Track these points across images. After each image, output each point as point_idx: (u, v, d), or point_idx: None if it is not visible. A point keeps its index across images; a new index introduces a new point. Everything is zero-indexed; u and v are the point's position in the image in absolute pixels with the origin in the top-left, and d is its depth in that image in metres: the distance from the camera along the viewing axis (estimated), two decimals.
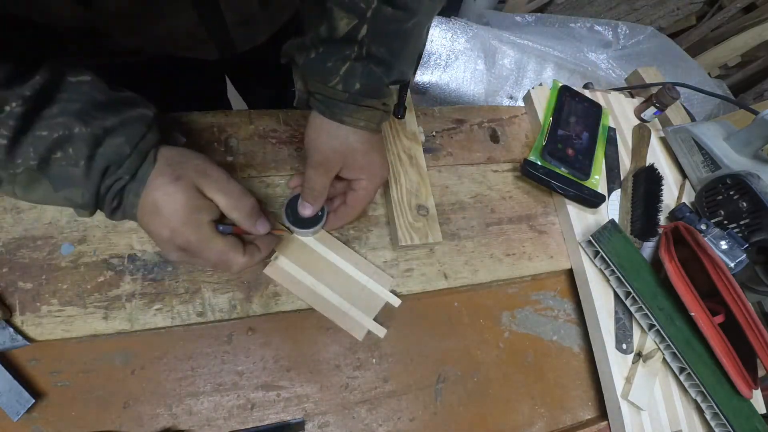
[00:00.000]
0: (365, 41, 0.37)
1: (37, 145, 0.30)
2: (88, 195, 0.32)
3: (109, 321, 0.41)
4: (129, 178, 0.33)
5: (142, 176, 0.33)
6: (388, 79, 0.39)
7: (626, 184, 0.61)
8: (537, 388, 0.52)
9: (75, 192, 0.32)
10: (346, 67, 0.38)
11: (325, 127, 0.40)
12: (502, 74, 1.21)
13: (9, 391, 0.37)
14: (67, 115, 0.30)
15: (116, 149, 0.32)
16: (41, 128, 0.30)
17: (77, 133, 0.30)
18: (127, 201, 0.33)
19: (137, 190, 0.33)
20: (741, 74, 1.68)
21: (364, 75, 0.38)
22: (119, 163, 0.32)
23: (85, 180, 0.31)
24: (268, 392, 0.44)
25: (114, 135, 0.32)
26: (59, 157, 0.30)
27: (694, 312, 0.48)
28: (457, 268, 0.51)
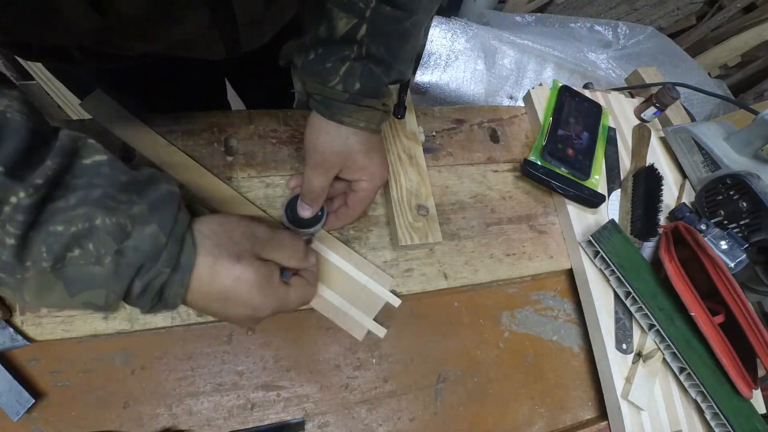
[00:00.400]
0: (364, 41, 0.36)
1: (50, 243, 0.25)
2: (113, 296, 0.27)
3: (109, 321, 0.41)
4: (170, 270, 0.28)
5: (185, 266, 0.29)
6: (388, 78, 0.39)
7: (626, 184, 0.61)
8: (537, 388, 0.52)
9: (97, 294, 0.27)
10: (346, 67, 0.37)
11: (324, 128, 0.40)
12: (502, 74, 1.21)
13: (9, 391, 0.37)
14: (86, 204, 0.26)
15: (151, 240, 0.27)
16: (57, 222, 0.25)
17: (99, 225, 0.26)
18: (170, 296, 0.29)
19: (182, 280, 0.29)
20: (741, 74, 1.68)
21: (364, 75, 0.38)
22: (156, 256, 0.27)
23: (112, 280, 0.27)
24: (268, 392, 0.44)
25: (144, 223, 0.27)
26: (77, 255, 0.26)
27: (694, 312, 0.48)
28: (457, 268, 0.51)
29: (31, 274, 0.25)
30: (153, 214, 0.28)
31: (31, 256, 0.25)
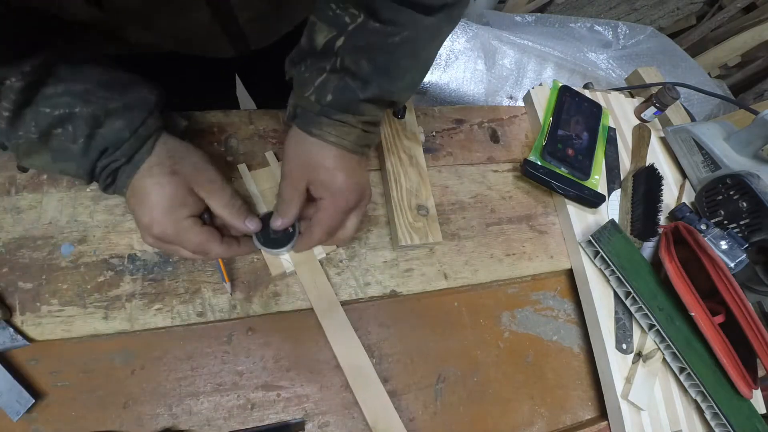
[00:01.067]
0: (340, 52, 0.36)
1: (39, 120, 0.31)
2: (82, 170, 0.34)
3: (109, 321, 0.41)
4: (125, 160, 0.34)
5: (137, 161, 0.35)
6: (363, 94, 0.37)
7: (626, 184, 0.61)
8: (537, 388, 0.52)
9: (70, 165, 0.34)
10: (321, 79, 0.37)
11: (296, 138, 0.39)
12: (502, 74, 1.21)
13: (9, 391, 0.37)
14: (70, 95, 0.32)
15: (116, 133, 0.33)
16: (44, 105, 0.31)
17: (78, 113, 0.32)
18: (120, 180, 0.35)
19: (130, 173, 0.35)
20: (741, 74, 1.68)
21: (338, 88, 0.36)
22: (117, 145, 0.34)
23: (82, 157, 0.33)
24: (268, 392, 0.44)
25: (115, 117, 0.33)
26: (59, 132, 0.32)
27: (694, 312, 0.48)
28: (457, 268, 0.51)
29: (23, 141, 0.32)
30: (125, 112, 0.34)
31: (23, 127, 0.31)
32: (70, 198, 0.44)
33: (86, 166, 0.34)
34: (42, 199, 0.43)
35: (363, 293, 0.47)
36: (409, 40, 0.36)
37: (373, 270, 0.48)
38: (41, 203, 0.43)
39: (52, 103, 0.31)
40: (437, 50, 0.41)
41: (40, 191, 0.44)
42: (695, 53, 1.65)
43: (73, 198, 0.44)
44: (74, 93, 0.32)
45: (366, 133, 0.40)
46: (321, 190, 0.40)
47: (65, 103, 0.32)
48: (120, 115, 0.33)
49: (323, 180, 0.39)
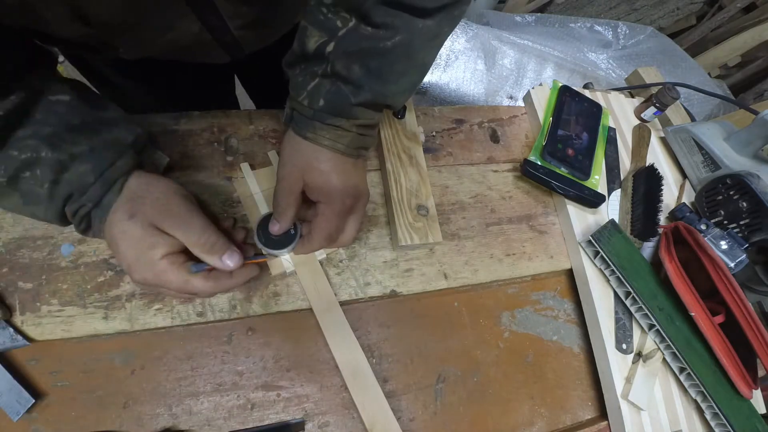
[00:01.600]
0: (330, 57, 0.36)
1: (7, 164, 0.31)
2: (51, 215, 0.33)
3: (109, 321, 0.41)
4: (92, 205, 0.33)
5: (106, 204, 0.34)
6: (356, 98, 0.36)
7: (626, 184, 0.61)
8: (537, 388, 0.52)
9: (39, 209, 0.33)
10: (314, 84, 0.37)
11: (291, 142, 0.39)
12: (502, 74, 1.21)
13: (9, 391, 0.37)
14: (37, 138, 0.31)
15: (80, 177, 0.32)
16: (13, 148, 0.31)
17: (44, 157, 0.31)
18: (94, 225, 0.34)
19: (102, 217, 0.34)
20: (741, 74, 1.68)
21: (330, 92, 0.36)
22: (82, 191, 0.33)
23: (48, 202, 0.32)
24: (268, 392, 0.44)
25: (80, 162, 0.32)
26: (27, 176, 0.31)
27: (694, 312, 0.48)
28: (457, 268, 0.51)
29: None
30: (91, 156, 0.33)
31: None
32: None
33: (53, 211, 0.33)
34: None
35: (363, 293, 0.47)
36: (403, 43, 0.35)
37: (373, 270, 0.48)
38: None
39: (20, 146, 0.31)
40: (436, 52, 0.40)
41: None
42: (695, 53, 1.65)
43: None
44: (41, 136, 0.31)
45: (361, 136, 0.39)
46: (316, 193, 0.40)
47: (31, 147, 0.31)
48: (85, 160, 0.33)
49: (318, 183, 0.39)
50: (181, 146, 0.48)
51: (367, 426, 0.43)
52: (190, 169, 0.48)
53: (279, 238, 0.43)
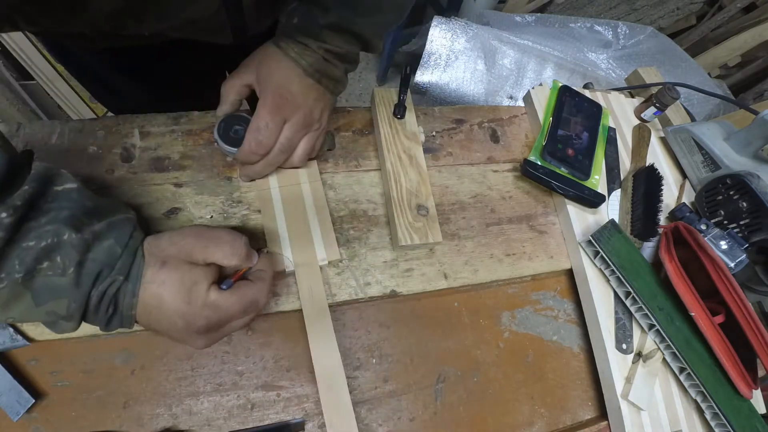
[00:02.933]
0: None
1: (23, 257, 0.28)
2: (75, 305, 0.30)
3: None
4: (123, 278, 0.31)
5: (136, 274, 0.32)
6: (324, 20, 0.41)
7: (626, 184, 0.61)
8: (537, 388, 0.52)
9: (60, 304, 0.29)
10: (293, 6, 0.43)
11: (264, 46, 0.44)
12: (502, 74, 1.21)
13: (9, 391, 0.37)
14: (56, 222, 0.29)
15: (107, 251, 0.31)
16: (29, 239, 0.28)
17: (66, 239, 0.29)
18: (123, 304, 0.31)
19: (134, 290, 0.31)
20: (741, 74, 1.69)
21: (303, 13, 0.42)
22: (111, 265, 0.31)
23: (74, 288, 0.29)
24: (268, 392, 0.44)
25: (103, 238, 0.31)
26: (45, 267, 0.28)
27: (694, 312, 0.48)
28: (457, 268, 0.51)
29: (4, 285, 0.27)
30: (111, 231, 0.32)
31: (5, 269, 0.27)
32: None
33: (80, 298, 0.29)
34: None
35: (363, 293, 0.47)
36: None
37: (373, 270, 0.48)
38: None
39: (37, 234, 0.28)
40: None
41: None
42: (695, 53, 1.65)
43: None
44: (60, 220, 0.29)
45: (326, 61, 0.43)
46: (259, 87, 0.43)
47: (51, 232, 0.28)
48: (108, 235, 0.31)
49: (263, 76, 0.42)
50: (181, 146, 0.48)
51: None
52: (190, 169, 0.48)
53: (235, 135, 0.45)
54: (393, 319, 0.49)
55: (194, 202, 0.46)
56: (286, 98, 0.42)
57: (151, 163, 0.47)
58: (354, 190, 0.52)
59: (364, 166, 0.54)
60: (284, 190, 0.48)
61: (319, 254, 0.46)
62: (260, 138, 0.42)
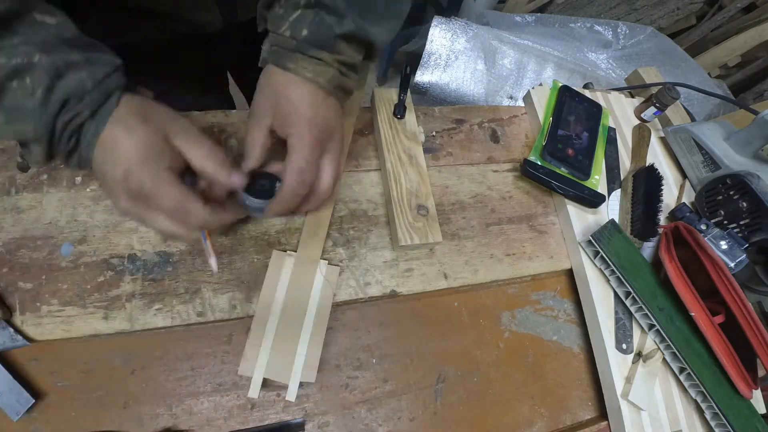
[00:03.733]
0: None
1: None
2: (41, 127, 0.30)
3: (109, 321, 0.41)
4: (89, 114, 0.31)
5: (103, 114, 0.31)
6: (339, 29, 0.36)
7: (626, 184, 0.61)
8: (537, 388, 0.52)
9: (28, 124, 0.30)
10: (297, 15, 0.36)
11: (267, 74, 0.38)
12: (502, 74, 1.21)
13: (9, 391, 0.37)
14: (29, 44, 0.29)
15: (78, 83, 0.30)
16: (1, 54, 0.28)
17: (37, 62, 0.29)
18: (84, 140, 0.31)
19: (97, 129, 0.31)
20: (741, 74, 1.69)
21: (314, 23, 0.36)
22: (80, 96, 0.30)
23: (40, 111, 0.29)
24: (268, 392, 0.44)
25: (77, 69, 0.30)
26: (15, 86, 0.29)
27: (694, 312, 0.48)
28: (457, 268, 0.51)
29: None
30: (87, 65, 0.30)
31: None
32: (70, 198, 0.44)
33: (45, 121, 0.30)
34: (42, 199, 0.43)
35: (363, 293, 0.47)
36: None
37: (373, 270, 0.48)
38: (41, 203, 0.43)
39: (8, 52, 0.28)
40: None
41: (40, 191, 0.44)
42: (695, 53, 1.65)
43: (73, 198, 0.44)
44: (34, 42, 0.29)
45: (342, 75, 0.38)
46: (285, 125, 0.37)
47: (23, 52, 0.28)
48: (82, 68, 0.30)
49: (288, 111, 0.37)
50: None
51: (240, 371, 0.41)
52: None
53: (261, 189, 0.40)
54: (393, 319, 0.49)
55: None
56: (321, 128, 0.38)
57: None
58: (354, 190, 0.52)
59: (364, 166, 0.54)
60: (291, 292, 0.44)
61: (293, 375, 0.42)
62: (304, 177, 0.37)
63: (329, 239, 0.49)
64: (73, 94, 0.30)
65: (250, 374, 0.41)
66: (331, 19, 0.36)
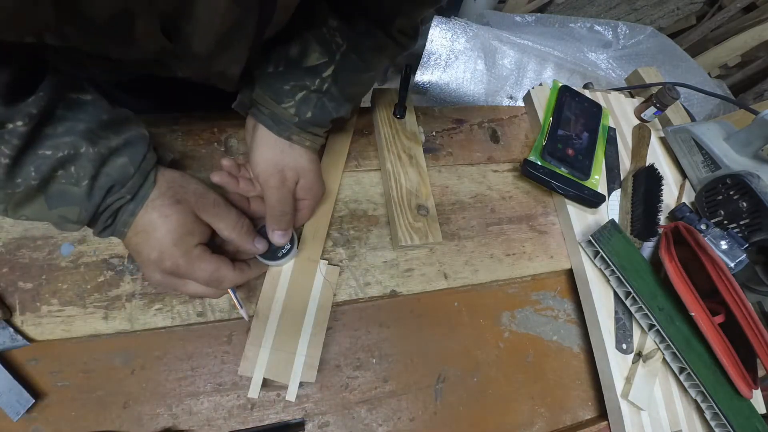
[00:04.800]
0: (328, 80, 0.40)
1: (39, 164, 0.29)
2: (86, 213, 0.32)
3: (109, 321, 0.41)
4: (130, 197, 0.33)
5: (142, 196, 0.34)
6: (337, 114, 0.43)
7: (626, 184, 0.61)
8: (537, 388, 0.52)
9: (72, 210, 0.31)
10: (303, 95, 0.40)
11: (278, 145, 0.42)
12: (502, 74, 1.21)
13: (9, 391, 0.37)
14: (73, 134, 0.30)
15: (121, 169, 0.32)
16: (45, 147, 0.29)
17: (84, 152, 0.30)
18: (120, 220, 0.33)
19: (134, 210, 0.33)
20: (741, 74, 1.68)
21: (318, 107, 0.41)
22: (123, 182, 0.32)
23: (86, 199, 0.31)
24: (268, 392, 0.44)
25: (118, 155, 0.32)
26: (60, 175, 0.30)
27: (694, 312, 0.48)
28: (457, 268, 0.51)
29: (20, 189, 0.29)
30: (126, 148, 0.33)
31: (21, 175, 0.29)
32: None
33: (91, 208, 0.32)
34: None
35: (363, 293, 0.47)
36: (373, 78, 0.45)
37: (373, 270, 0.48)
38: None
39: (55, 144, 0.29)
40: None
41: None
42: (695, 53, 1.65)
43: None
44: (77, 132, 0.30)
45: (323, 139, 0.45)
46: (305, 192, 0.44)
47: (69, 144, 0.30)
48: (123, 152, 0.33)
49: (310, 183, 0.44)
50: (181, 146, 0.49)
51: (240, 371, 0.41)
52: (190, 170, 0.48)
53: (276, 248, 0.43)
54: (393, 319, 0.49)
55: None
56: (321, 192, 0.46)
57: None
58: (354, 190, 0.52)
59: (364, 166, 0.54)
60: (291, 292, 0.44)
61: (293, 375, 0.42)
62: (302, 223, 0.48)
63: (329, 239, 0.49)
64: (118, 181, 0.32)
65: (250, 374, 0.41)
66: (331, 106, 0.42)
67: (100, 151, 0.31)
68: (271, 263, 0.44)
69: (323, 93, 0.41)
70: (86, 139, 0.30)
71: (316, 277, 0.45)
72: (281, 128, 0.41)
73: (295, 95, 0.40)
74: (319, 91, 0.41)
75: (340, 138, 0.53)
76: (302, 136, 0.42)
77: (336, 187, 0.50)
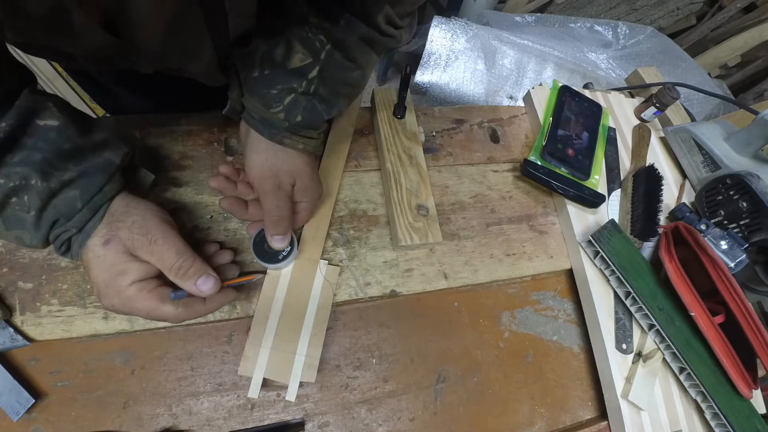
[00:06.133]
0: (314, 81, 0.39)
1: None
2: (36, 240, 0.33)
3: (109, 321, 0.41)
4: (76, 231, 0.34)
5: (88, 230, 0.34)
6: (328, 115, 0.42)
7: (626, 184, 0.61)
8: (537, 388, 0.52)
9: (25, 234, 0.33)
10: (291, 99, 0.39)
11: (271, 150, 0.41)
12: (502, 74, 1.21)
13: (9, 391, 0.37)
14: (26, 165, 0.31)
15: (68, 203, 0.33)
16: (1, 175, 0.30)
17: (33, 185, 0.31)
18: (73, 248, 0.34)
19: (81, 242, 0.34)
20: (741, 74, 1.68)
21: (307, 109, 0.40)
22: (69, 216, 0.33)
23: (34, 227, 0.32)
24: (268, 392, 0.44)
25: (71, 188, 0.33)
26: (14, 202, 0.31)
27: (694, 312, 0.48)
28: (457, 268, 0.51)
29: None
30: (81, 180, 0.33)
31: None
32: None
33: (39, 237, 0.33)
34: None
35: (363, 293, 0.47)
36: (363, 76, 0.43)
37: (373, 270, 0.48)
38: None
39: (7, 172, 0.30)
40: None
41: None
42: (695, 53, 1.65)
43: None
44: (31, 163, 0.31)
45: (318, 140, 0.45)
46: (302, 194, 0.44)
47: (21, 174, 0.31)
48: (75, 185, 0.33)
49: (307, 185, 0.43)
50: (181, 146, 0.49)
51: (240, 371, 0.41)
52: (190, 170, 0.48)
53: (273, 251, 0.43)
54: (393, 319, 0.49)
55: (194, 203, 0.46)
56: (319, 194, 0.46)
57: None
58: (354, 190, 0.52)
59: (364, 166, 0.54)
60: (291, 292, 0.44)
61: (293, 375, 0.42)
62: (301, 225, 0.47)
63: (329, 239, 0.49)
64: (64, 215, 0.33)
65: (250, 374, 0.41)
66: (322, 107, 0.41)
67: (49, 185, 0.31)
68: (271, 267, 0.44)
69: (312, 95, 0.40)
70: (39, 171, 0.31)
71: (316, 277, 0.45)
72: (273, 132, 0.41)
73: (284, 99, 0.39)
74: (308, 94, 0.40)
75: (340, 138, 0.53)
76: (294, 140, 0.41)
77: (336, 187, 0.50)
